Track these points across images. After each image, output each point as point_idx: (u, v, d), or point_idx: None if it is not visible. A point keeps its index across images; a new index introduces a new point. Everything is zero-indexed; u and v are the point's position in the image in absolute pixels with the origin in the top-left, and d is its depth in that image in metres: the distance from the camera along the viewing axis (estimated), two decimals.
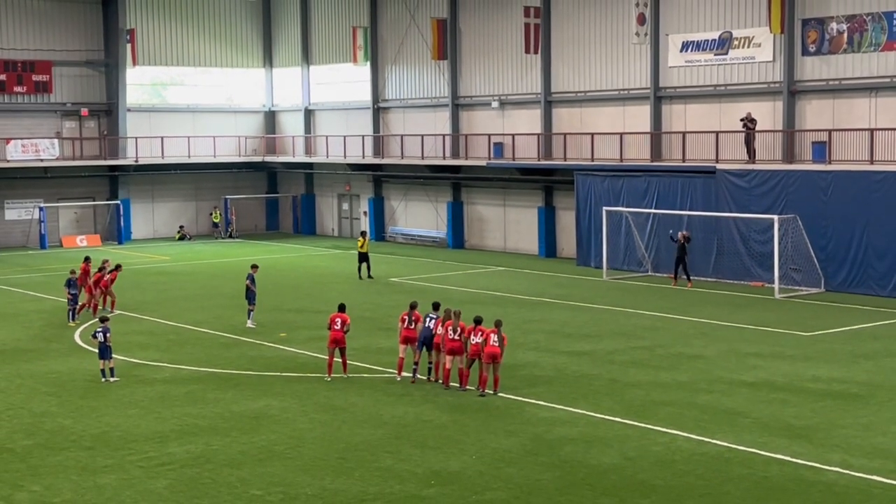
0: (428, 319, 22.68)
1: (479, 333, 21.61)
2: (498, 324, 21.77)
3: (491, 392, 21.61)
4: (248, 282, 29.94)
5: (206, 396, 21.90)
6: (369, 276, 39.80)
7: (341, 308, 23.75)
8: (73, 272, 31.56)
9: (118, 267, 33.23)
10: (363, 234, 41.57)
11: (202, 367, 24.74)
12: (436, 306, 23.23)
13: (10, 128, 52.64)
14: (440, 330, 22.37)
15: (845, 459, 17.20)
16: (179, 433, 19.22)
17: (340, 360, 23.39)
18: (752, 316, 31.20)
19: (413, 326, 22.86)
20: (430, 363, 22.91)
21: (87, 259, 33.79)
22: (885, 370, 23.85)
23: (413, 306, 23.23)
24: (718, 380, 23.02)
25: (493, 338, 21.45)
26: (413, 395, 21.75)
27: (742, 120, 38.32)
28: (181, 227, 56.65)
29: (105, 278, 32.28)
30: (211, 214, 57.54)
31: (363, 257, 40.04)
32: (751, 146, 38.35)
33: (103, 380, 23.22)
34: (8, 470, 17.28)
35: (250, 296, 29.78)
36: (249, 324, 29.69)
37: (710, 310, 32.36)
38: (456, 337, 21.86)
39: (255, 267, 30.76)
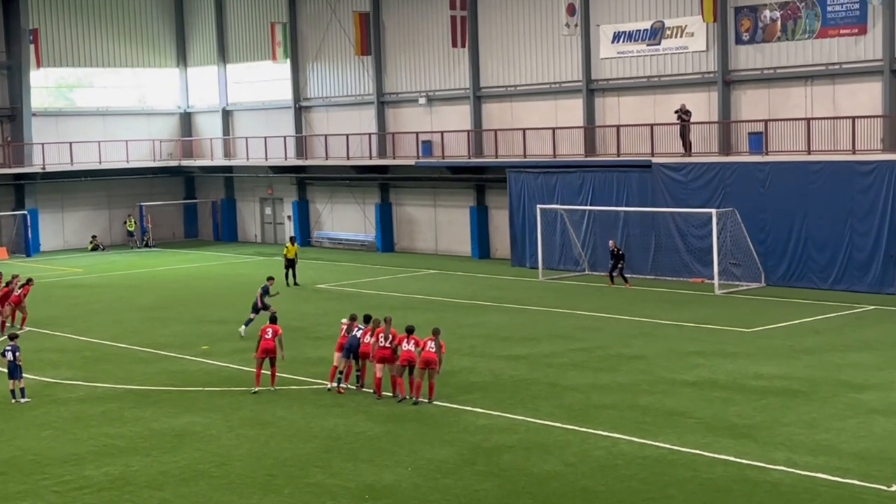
0: (356, 329, 22.84)
1: (412, 342, 21.66)
2: (436, 332, 21.81)
3: (425, 400, 21.61)
4: (259, 292, 30.04)
5: (124, 415, 21.61)
6: (295, 283, 39.61)
7: (273, 319, 23.77)
8: None
9: (29, 281, 32.67)
10: (291, 239, 41.41)
11: (119, 385, 24.40)
12: (367, 319, 23.19)
13: None
14: (368, 339, 22.41)
15: (790, 458, 17.48)
16: (96, 454, 18.93)
17: (269, 371, 23.24)
18: (692, 313, 31.60)
19: (387, 344, 22.20)
20: (358, 372, 23.01)
21: None
22: (826, 365, 24.31)
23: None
24: (660, 380, 23.26)
25: (430, 344, 21.51)
26: (344, 407, 21.67)
27: (676, 112, 38.82)
28: (94, 236, 55.87)
29: (16, 293, 31.72)
30: (125, 223, 56.83)
31: (290, 263, 39.86)
32: (686, 139, 38.86)
33: (13, 401, 22.78)
34: None
35: (255, 307, 29.79)
36: (242, 331, 29.48)
37: (650, 308, 32.69)
38: (387, 345, 21.98)
39: (270, 279, 30.94)
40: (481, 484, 16.77)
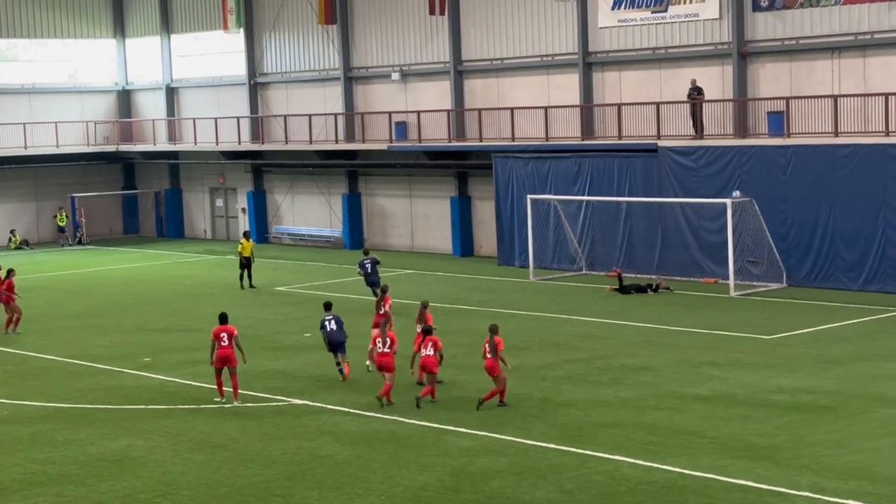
0: (326, 322, 25.16)
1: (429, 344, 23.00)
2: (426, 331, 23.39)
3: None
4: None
5: (54, 437, 21.52)
6: (251, 286, 39.54)
7: (223, 319, 23.68)
8: None
9: (10, 272, 33.12)
10: (246, 235, 41.37)
11: (49, 402, 24.30)
12: (327, 306, 25.88)
13: None
14: (426, 351, 23.23)
15: (816, 482, 17.53)
16: (23, 483, 18.85)
17: (231, 382, 23.30)
18: (705, 318, 31.68)
19: (385, 349, 22.95)
20: (340, 370, 25.23)
21: None
22: (856, 377, 24.40)
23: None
24: (668, 394, 23.30)
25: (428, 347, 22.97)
26: (307, 427, 21.64)
27: (690, 90, 38.85)
28: (12, 231, 55.48)
29: None
30: (55, 217, 56.59)
31: (246, 263, 39.81)
32: (697, 119, 38.95)
33: None
34: None
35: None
36: None
37: (657, 313, 32.76)
38: (386, 349, 22.85)
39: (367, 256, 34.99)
40: None
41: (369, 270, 34.67)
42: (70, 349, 30.02)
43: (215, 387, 24.04)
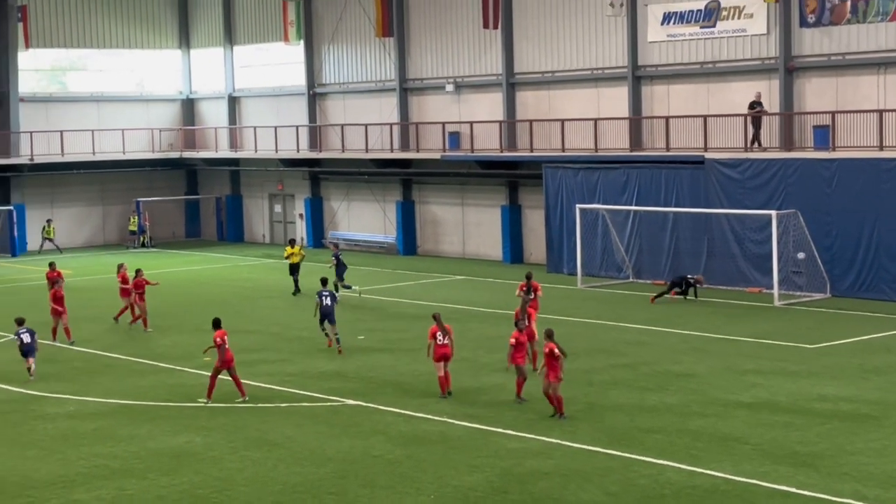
0: (322, 297, 28.66)
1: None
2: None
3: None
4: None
5: (117, 433, 21.69)
6: (296, 291, 39.14)
7: (217, 324, 24.48)
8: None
9: (138, 272, 33.68)
10: (292, 242, 41.19)
11: (113, 399, 24.50)
12: (324, 282, 30.14)
13: None
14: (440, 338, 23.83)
15: (857, 490, 17.35)
16: (87, 477, 19.02)
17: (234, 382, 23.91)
18: (749, 327, 31.44)
19: (444, 341, 23.70)
20: (327, 334, 29.07)
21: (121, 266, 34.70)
22: None
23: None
24: (712, 401, 23.15)
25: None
26: (360, 427, 21.69)
27: (751, 103, 38.42)
28: (48, 220, 54.98)
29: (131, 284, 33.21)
30: (130, 220, 56.74)
31: (294, 269, 39.69)
32: (758, 134, 38.45)
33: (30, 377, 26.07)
34: None
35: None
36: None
37: (702, 321, 32.56)
38: (445, 341, 23.56)
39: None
40: None
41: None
42: (134, 348, 30.30)
43: (272, 387, 24.20)
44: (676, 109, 41.84)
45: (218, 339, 23.80)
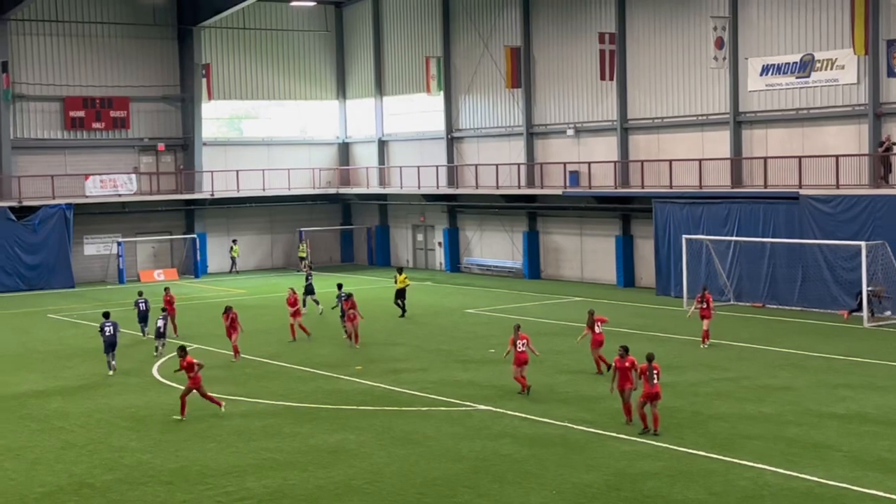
0: (338, 300, 32.43)
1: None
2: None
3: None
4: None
5: (282, 430, 22.04)
6: (402, 313, 38.45)
7: (183, 352, 23.82)
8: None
9: (349, 296, 33.31)
10: (400, 270, 40.29)
11: (278, 401, 24.90)
12: (339, 286, 33.96)
13: (89, 163, 53.88)
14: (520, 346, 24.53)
15: None
16: (256, 467, 19.35)
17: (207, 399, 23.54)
18: (840, 346, 30.59)
19: (523, 349, 24.37)
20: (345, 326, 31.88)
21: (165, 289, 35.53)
22: None
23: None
24: (807, 412, 22.58)
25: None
26: (491, 429, 21.67)
27: (882, 142, 37.33)
28: (234, 240, 56.44)
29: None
30: (299, 248, 57.57)
31: (400, 294, 38.90)
32: (887, 170, 37.26)
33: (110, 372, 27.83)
34: None
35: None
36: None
37: (797, 340, 31.78)
38: (523, 348, 24.38)
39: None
40: None
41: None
42: (296, 357, 30.73)
43: (415, 393, 24.34)
44: (773, 151, 41.03)
45: (185, 364, 23.30)
